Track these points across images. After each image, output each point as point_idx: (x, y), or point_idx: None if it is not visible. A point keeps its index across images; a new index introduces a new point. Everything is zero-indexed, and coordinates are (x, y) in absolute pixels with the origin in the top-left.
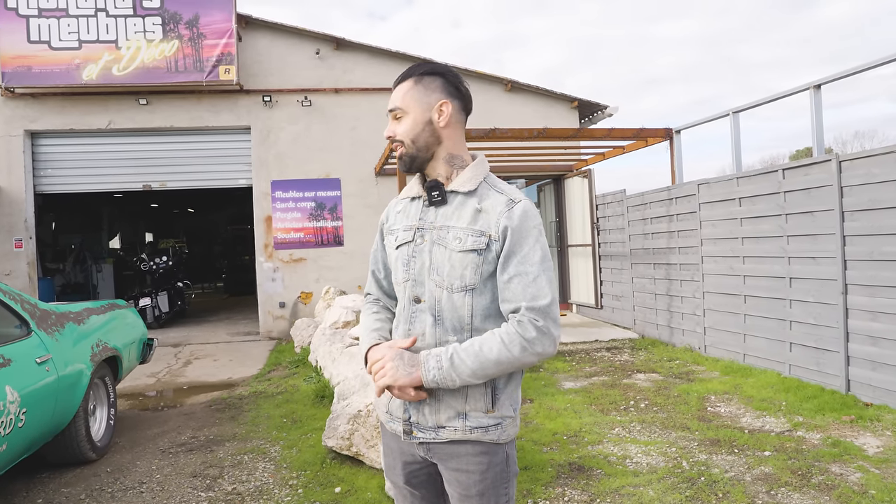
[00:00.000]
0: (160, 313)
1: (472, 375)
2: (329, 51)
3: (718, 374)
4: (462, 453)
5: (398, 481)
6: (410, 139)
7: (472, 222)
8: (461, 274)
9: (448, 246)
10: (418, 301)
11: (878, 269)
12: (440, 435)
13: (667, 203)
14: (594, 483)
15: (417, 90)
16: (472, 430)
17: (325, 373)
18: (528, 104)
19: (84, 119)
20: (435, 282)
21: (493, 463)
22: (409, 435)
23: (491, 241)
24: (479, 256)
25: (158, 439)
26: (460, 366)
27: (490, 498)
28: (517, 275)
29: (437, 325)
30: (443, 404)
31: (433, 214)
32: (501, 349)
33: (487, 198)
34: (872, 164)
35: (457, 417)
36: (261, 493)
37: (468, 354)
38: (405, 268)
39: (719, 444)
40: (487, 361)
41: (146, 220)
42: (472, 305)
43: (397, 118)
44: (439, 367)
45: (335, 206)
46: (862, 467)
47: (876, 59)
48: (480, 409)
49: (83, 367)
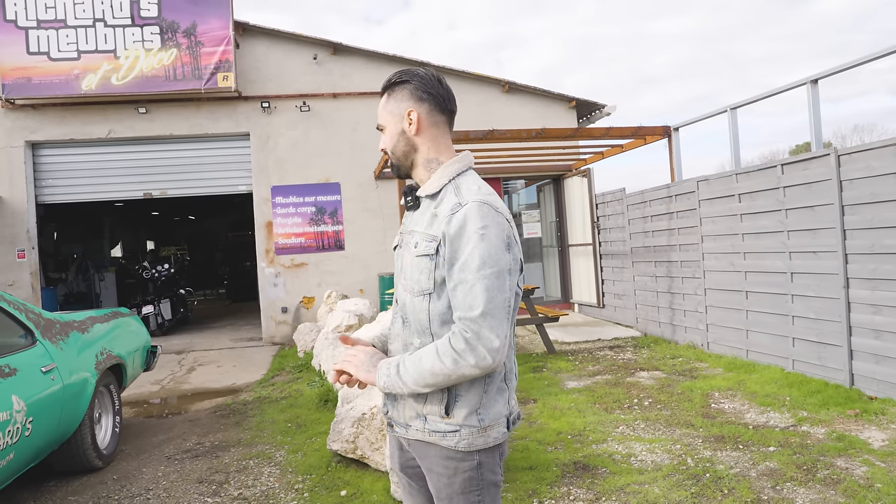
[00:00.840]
0: (163, 321)
1: (415, 384)
2: (326, 56)
3: (722, 370)
4: (431, 454)
5: (396, 468)
6: (391, 150)
7: (428, 226)
8: (418, 278)
9: (409, 250)
10: (397, 303)
11: (879, 263)
12: (408, 432)
13: (666, 201)
14: (599, 481)
15: (390, 103)
16: (431, 433)
17: (328, 377)
18: (526, 105)
19: (84, 129)
20: (402, 285)
21: (461, 469)
22: (391, 428)
23: (440, 246)
24: (430, 261)
25: (164, 446)
26: (404, 375)
27: (459, 502)
28: (458, 283)
29: (405, 326)
30: (407, 404)
31: (409, 219)
32: (434, 360)
33: (443, 201)
34: (871, 158)
35: (416, 418)
36: (267, 497)
37: (411, 363)
38: (396, 272)
39: (724, 440)
40: (424, 372)
41: (147, 228)
42: (429, 310)
43: (382, 131)
44: (388, 374)
45: (335, 211)
46: (867, 461)
47: (873, 53)
48: (436, 414)
49: (88, 375)
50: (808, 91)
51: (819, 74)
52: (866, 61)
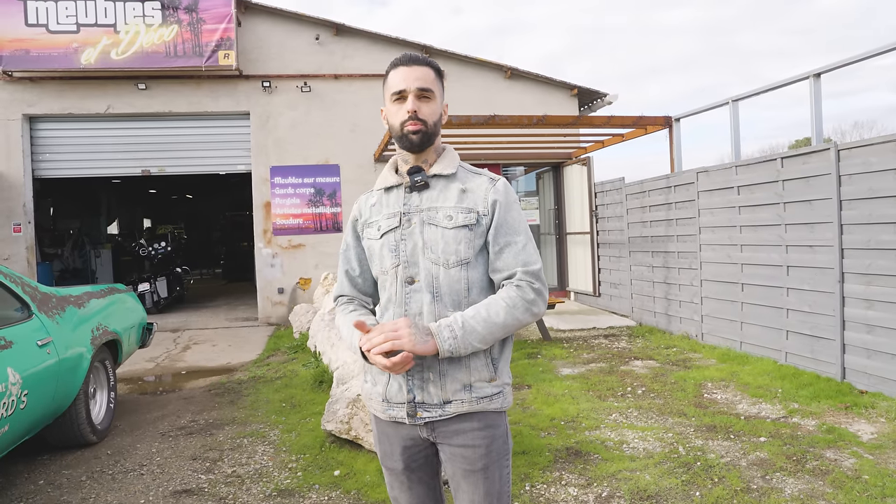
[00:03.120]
0: (159, 299)
1: (481, 341)
2: (329, 36)
3: (715, 361)
4: (467, 429)
5: (396, 467)
6: (433, 122)
7: (460, 201)
8: (456, 249)
9: (440, 224)
10: (412, 282)
11: (874, 258)
12: (447, 410)
13: (665, 191)
14: (591, 467)
15: (439, 84)
16: (478, 400)
17: (323, 358)
18: (528, 92)
19: (83, 103)
20: (431, 259)
21: (496, 436)
22: (414, 417)
23: (480, 217)
24: (470, 231)
25: (158, 423)
26: (472, 333)
27: (494, 471)
28: (507, 244)
29: (435, 301)
30: (448, 378)
31: (418, 199)
32: (508, 313)
33: (469, 179)
34: (870, 153)
35: (462, 390)
36: (260, 475)
37: (477, 321)
38: (393, 253)
39: (715, 429)
40: (495, 326)
41: (144, 205)
42: (468, 279)
43: (425, 98)
44: (454, 336)
45: (334, 192)
46: (856, 453)
47: (876, 48)
48: (484, 379)
49: (84, 350)
50: (810, 85)
51: (822, 69)
52: (869, 56)
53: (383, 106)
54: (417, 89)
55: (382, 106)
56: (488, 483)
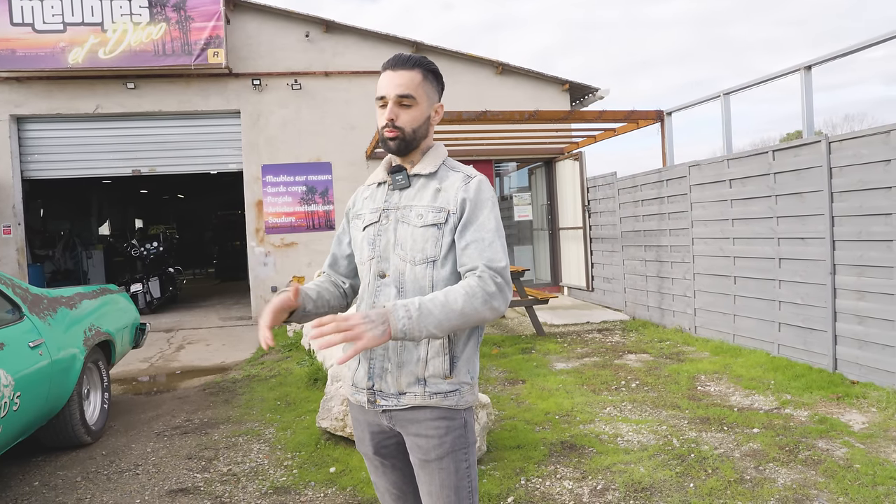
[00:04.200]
0: (151, 299)
1: (437, 327)
2: (319, 33)
3: (708, 354)
4: (421, 418)
5: (368, 452)
6: (412, 129)
7: (433, 200)
8: (422, 247)
9: (410, 223)
10: (383, 276)
11: (865, 249)
12: (401, 401)
13: (657, 185)
14: (586, 461)
15: (427, 85)
16: (431, 395)
17: (317, 356)
18: (519, 87)
19: (71, 103)
20: (399, 256)
21: (452, 427)
22: (373, 404)
23: (449, 215)
24: (438, 230)
25: (153, 423)
26: (428, 315)
27: (450, 462)
28: (474, 241)
29: (399, 296)
30: (403, 370)
31: (397, 197)
32: (466, 300)
33: (446, 178)
34: (861, 146)
35: (416, 383)
36: (256, 473)
37: (434, 305)
38: (371, 246)
39: (709, 422)
40: (453, 312)
41: (136, 205)
42: (432, 277)
43: (404, 106)
44: (409, 316)
45: (326, 190)
46: (847, 443)
47: (866, 40)
48: (439, 375)
49: (76, 351)
50: (801, 77)
51: (813, 61)
52: (858, 49)
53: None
54: (397, 96)
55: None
56: (443, 474)
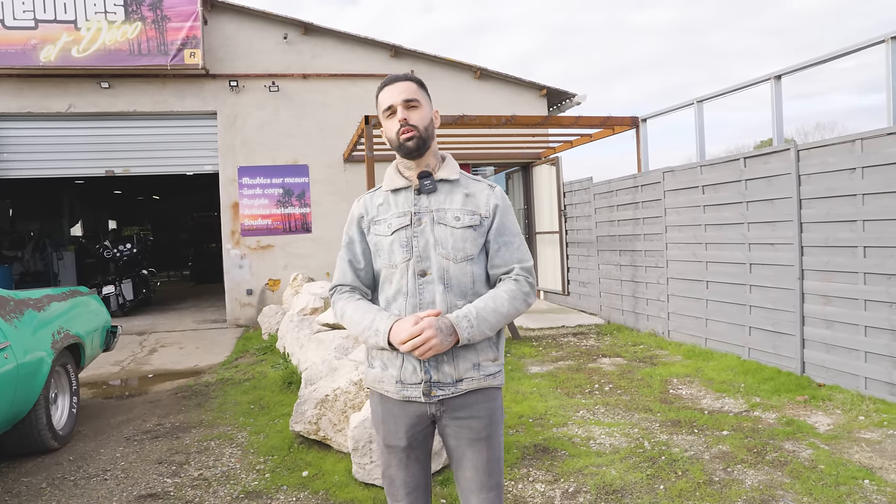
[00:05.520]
0: (124, 301)
1: (490, 329)
2: (297, 35)
3: (681, 357)
4: (472, 402)
5: (400, 444)
6: (424, 127)
7: (464, 204)
8: (462, 247)
9: (449, 224)
10: (424, 274)
11: (832, 255)
12: (459, 388)
13: (633, 191)
14: (558, 463)
15: (423, 94)
16: (484, 377)
17: (292, 359)
18: (497, 92)
19: (42, 102)
20: (441, 255)
21: (495, 407)
22: (429, 395)
23: (482, 219)
24: (475, 231)
25: (123, 427)
26: (484, 322)
27: (495, 439)
28: (506, 243)
29: (447, 291)
30: (460, 359)
31: (427, 200)
32: (510, 304)
33: (471, 185)
34: (828, 154)
35: (472, 368)
36: (228, 477)
37: (487, 312)
38: (405, 248)
39: (680, 424)
40: (501, 315)
41: (109, 206)
42: (472, 272)
43: (412, 107)
44: (470, 325)
45: (303, 193)
46: (813, 444)
47: (835, 51)
48: (490, 359)
49: (44, 354)
50: (771, 86)
51: (782, 70)
52: (828, 59)
53: (381, 128)
54: (403, 101)
55: (380, 130)
56: (490, 450)
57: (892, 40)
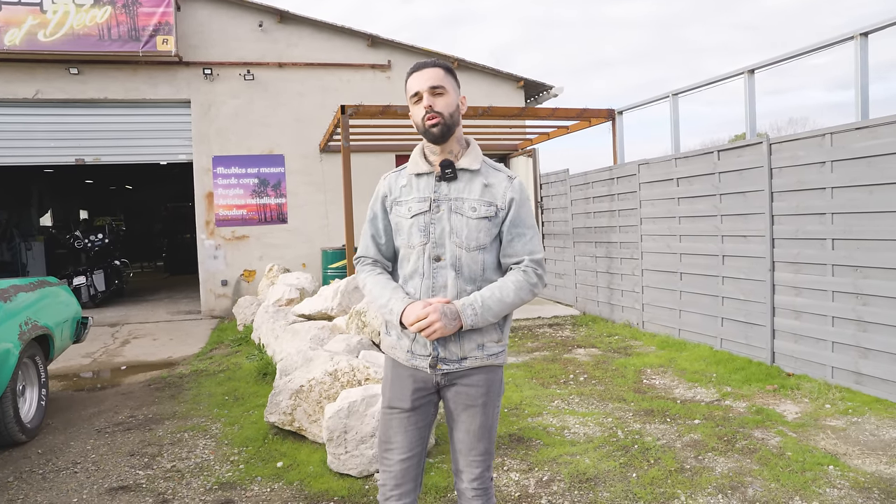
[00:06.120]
0: (96, 292)
1: (494, 316)
2: (272, 23)
3: (655, 348)
4: (474, 375)
5: (405, 405)
6: (449, 114)
7: (482, 195)
8: (476, 237)
9: (465, 214)
10: (438, 259)
11: (802, 247)
12: (462, 365)
13: (608, 183)
14: (533, 453)
15: (450, 80)
16: (487, 357)
17: (268, 350)
18: (474, 83)
19: (8, 87)
20: (455, 243)
21: (495, 380)
22: (435, 368)
23: (498, 210)
24: (489, 222)
25: (94, 419)
26: (488, 310)
27: (490, 408)
28: (519, 235)
29: (458, 277)
30: (466, 339)
31: (446, 188)
32: (516, 294)
33: (490, 175)
34: (798, 147)
35: (476, 348)
36: (201, 469)
37: (493, 301)
38: (422, 233)
39: (653, 413)
40: (505, 304)
41: (80, 196)
42: (484, 260)
43: (438, 94)
44: (475, 313)
45: (279, 183)
46: (781, 432)
47: (807, 46)
48: (493, 340)
49: (10, 346)
50: (745, 81)
51: (756, 65)
52: (799, 55)
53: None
54: (430, 87)
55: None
56: (484, 417)
57: (861, 37)
